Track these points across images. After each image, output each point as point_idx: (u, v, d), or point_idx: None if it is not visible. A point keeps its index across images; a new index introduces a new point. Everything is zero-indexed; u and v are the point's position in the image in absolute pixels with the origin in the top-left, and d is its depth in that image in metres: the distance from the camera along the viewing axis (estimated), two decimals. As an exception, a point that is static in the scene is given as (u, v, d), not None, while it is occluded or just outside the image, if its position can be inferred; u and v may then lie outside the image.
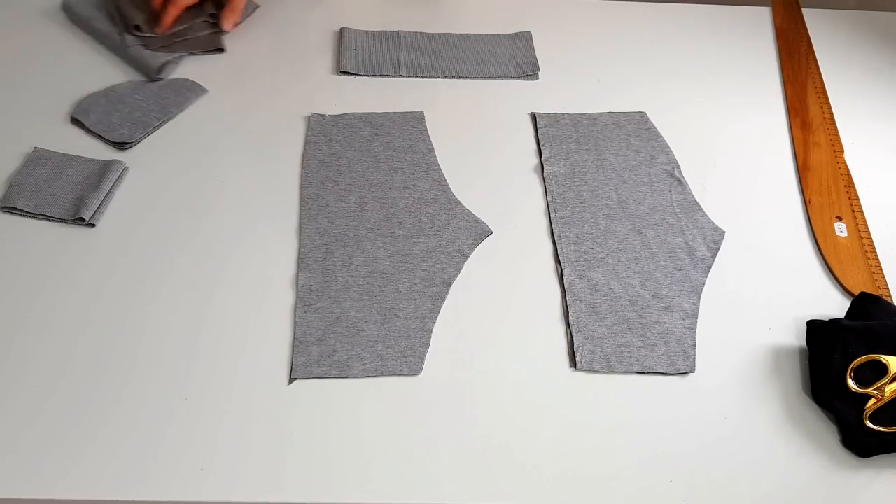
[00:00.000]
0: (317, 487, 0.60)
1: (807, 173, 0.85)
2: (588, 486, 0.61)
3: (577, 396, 0.66)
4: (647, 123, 0.88)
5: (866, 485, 0.62)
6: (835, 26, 1.03)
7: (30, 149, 0.80)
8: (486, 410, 0.65)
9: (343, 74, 0.92)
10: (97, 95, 0.85)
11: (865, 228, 0.80)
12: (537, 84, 0.93)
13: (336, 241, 0.75)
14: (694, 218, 0.79)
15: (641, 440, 0.64)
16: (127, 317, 0.68)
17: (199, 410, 0.63)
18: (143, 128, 0.82)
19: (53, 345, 0.66)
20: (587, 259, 0.75)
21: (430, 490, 0.60)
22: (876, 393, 0.63)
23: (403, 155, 0.83)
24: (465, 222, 0.77)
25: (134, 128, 0.82)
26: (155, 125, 0.83)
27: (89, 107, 0.83)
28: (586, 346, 0.69)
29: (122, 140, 0.81)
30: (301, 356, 0.67)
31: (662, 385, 0.67)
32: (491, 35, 0.97)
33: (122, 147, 0.81)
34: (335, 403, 0.64)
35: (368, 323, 0.69)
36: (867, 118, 0.92)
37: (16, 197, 0.75)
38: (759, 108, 0.92)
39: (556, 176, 0.82)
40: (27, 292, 0.69)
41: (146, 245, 0.74)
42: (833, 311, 0.72)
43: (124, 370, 0.65)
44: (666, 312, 0.71)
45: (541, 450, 0.63)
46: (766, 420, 0.65)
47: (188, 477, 0.59)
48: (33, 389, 0.63)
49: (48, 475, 0.59)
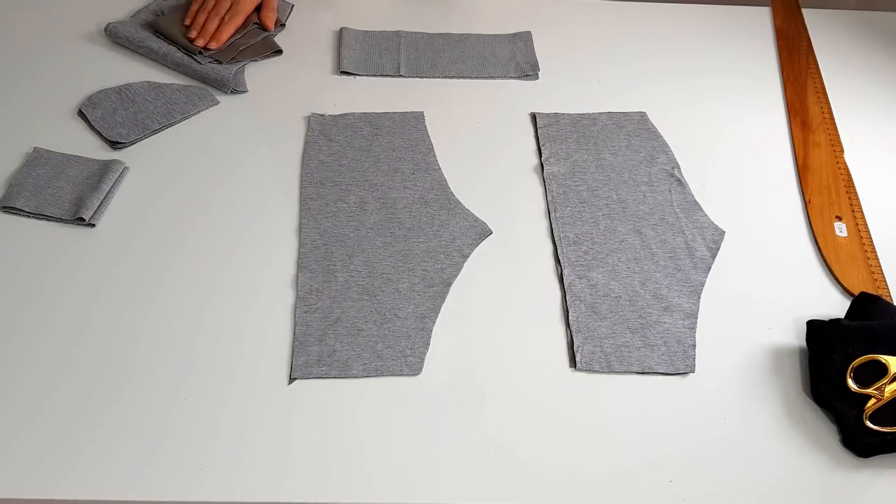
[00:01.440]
0: (317, 487, 0.60)
1: (807, 173, 0.85)
2: (588, 486, 0.61)
3: (577, 396, 0.66)
4: (647, 123, 0.88)
5: (866, 485, 0.62)
6: (835, 26, 1.03)
7: (30, 149, 0.80)
8: (486, 410, 0.65)
9: (343, 74, 0.92)
10: (110, 91, 0.85)
11: (865, 228, 0.80)
12: (537, 84, 0.93)
13: (336, 241, 0.75)
14: (694, 218, 0.79)
15: (641, 440, 0.64)
16: (127, 317, 0.68)
17: (199, 410, 0.63)
18: (141, 130, 0.82)
19: (53, 345, 0.66)
20: (587, 259, 0.75)
21: (430, 490, 0.60)
22: (876, 393, 0.63)
23: (403, 155, 0.83)
24: (465, 222, 0.77)
25: (133, 129, 0.82)
26: (154, 129, 0.83)
27: (98, 101, 0.84)
28: (586, 346, 0.69)
29: (117, 139, 0.81)
30: (301, 356, 0.66)
31: (662, 385, 0.67)
32: (491, 35, 0.97)
33: (115, 146, 0.81)
34: (335, 403, 0.64)
35: (368, 323, 0.69)
36: (867, 118, 0.92)
37: (16, 197, 0.75)
38: (759, 108, 0.92)
39: (556, 176, 0.82)
40: (27, 292, 0.69)
41: (146, 245, 0.74)
42: (833, 311, 0.72)
43: (124, 370, 0.65)
44: (666, 312, 0.71)
45: (541, 450, 0.63)
46: (766, 420, 0.65)
47: (188, 477, 0.59)
48: (33, 389, 0.63)
49: (48, 475, 0.59)
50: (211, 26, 0.90)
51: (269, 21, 0.94)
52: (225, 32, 0.90)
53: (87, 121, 0.83)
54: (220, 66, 0.89)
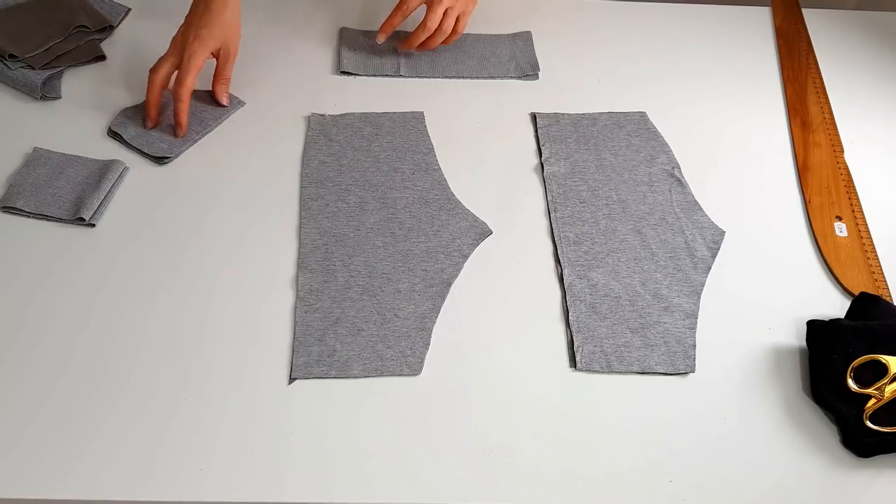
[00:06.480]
0: (317, 487, 0.60)
1: (807, 173, 0.85)
2: (588, 486, 0.61)
3: (576, 396, 0.66)
4: (647, 123, 0.88)
5: (866, 485, 0.62)
6: (835, 26, 1.03)
7: (30, 149, 0.80)
8: (486, 410, 0.65)
9: (343, 74, 0.92)
10: (135, 109, 0.84)
11: (865, 228, 0.80)
12: (537, 84, 0.93)
13: (336, 241, 0.75)
14: (694, 218, 0.79)
15: (641, 440, 0.64)
16: (126, 317, 0.68)
17: (199, 410, 0.63)
18: (181, 142, 0.81)
19: (53, 345, 0.66)
20: (587, 259, 0.75)
21: (429, 490, 0.60)
22: (876, 393, 0.63)
23: (403, 155, 0.83)
24: (465, 222, 0.77)
25: (173, 142, 0.81)
26: (195, 139, 0.82)
27: (127, 120, 0.83)
28: (586, 346, 0.69)
29: (161, 154, 0.80)
30: (301, 356, 0.66)
31: (662, 385, 0.67)
32: (491, 35, 0.97)
33: (161, 161, 0.80)
34: (335, 403, 0.64)
35: (368, 323, 0.69)
36: (867, 118, 0.92)
37: (16, 197, 0.75)
38: (759, 108, 0.92)
39: (556, 176, 0.82)
40: (27, 292, 0.69)
41: (146, 245, 0.74)
42: (833, 311, 0.72)
43: (124, 370, 0.65)
44: (666, 312, 0.71)
45: (540, 449, 0.63)
46: (766, 420, 0.65)
47: (188, 477, 0.59)
48: (33, 389, 0.63)
49: (48, 475, 0.59)
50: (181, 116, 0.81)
51: (222, 95, 0.86)
52: (182, 111, 0.81)
53: (121, 140, 0.81)
54: (32, 71, 0.85)
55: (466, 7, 0.90)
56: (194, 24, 0.82)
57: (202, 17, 0.82)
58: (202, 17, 0.82)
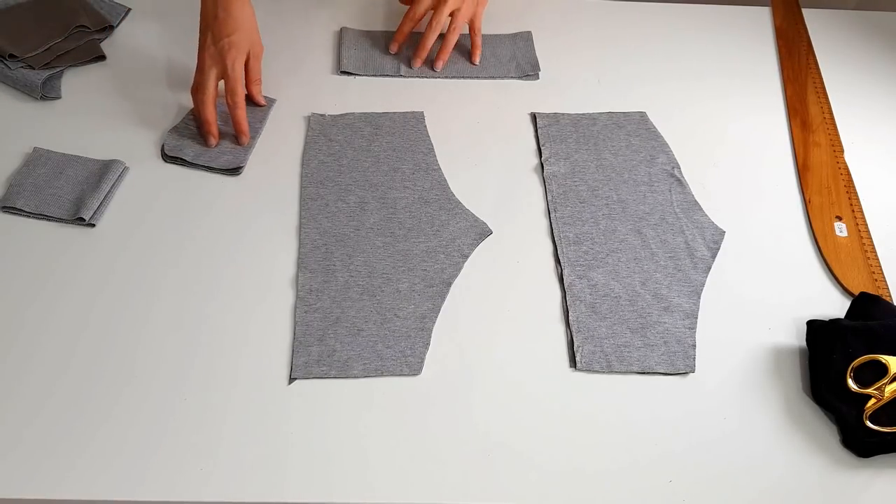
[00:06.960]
0: (317, 487, 0.60)
1: (807, 173, 0.85)
2: (588, 486, 0.61)
3: (577, 396, 0.66)
4: (647, 123, 0.88)
5: (866, 485, 0.62)
6: (835, 26, 1.03)
7: (30, 149, 0.80)
8: (487, 410, 0.65)
9: (343, 74, 0.92)
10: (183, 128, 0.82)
11: (865, 228, 0.80)
12: (537, 84, 0.93)
13: (336, 241, 0.75)
14: (694, 218, 0.79)
15: (641, 440, 0.64)
16: (127, 317, 0.68)
17: (199, 410, 0.63)
18: (244, 150, 0.81)
19: (53, 344, 0.66)
20: (587, 259, 0.75)
21: (430, 490, 0.60)
22: (876, 393, 0.63)
23: (403, 155, 0.83)
24: (465, 222, 0.77)
25: (235, 151, 0.81)
26: (253, 144, 0.82)
27: (181, 140, 0.81)
28: (586, 346, 0.69)
29: (232, 166, 0.80)
30: (301, 356, 0.66)
31: (662, 385, 0.67)
32: (491, 35, 0.97)
33: (235, 172, 0.80)
34: (335, 403, 0.64)
35: (368, 323, 0.69)
36: (867, 118, 0.92)
37: (16, 197, 0.75)
38: (759, 108, 0.92)
39: (556, 176, 0.82)
40: (27, 292, 0.69)
41: (146, 245, 0.74)
42: (833, 311, 0.72)
43: (124, 370, 0.65)
44: (666, 312, 0.71)
45: (541, 449, 0.63)
46: (766, 420, 0.65)
47: (188, 477, 0.59)
48: (33, 389, 0.63)
49: (48, 475, 0.59)
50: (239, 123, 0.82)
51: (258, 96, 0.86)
52: (241, 122, 0.81)
53: (183, 162, 0.80)
54: (32, 71, 0.85)
55: (477, 8, 0.91)
56: (223, 33, 0.80)
57: (226, 23, 0.80)
58: (226, 24, 0.80)
